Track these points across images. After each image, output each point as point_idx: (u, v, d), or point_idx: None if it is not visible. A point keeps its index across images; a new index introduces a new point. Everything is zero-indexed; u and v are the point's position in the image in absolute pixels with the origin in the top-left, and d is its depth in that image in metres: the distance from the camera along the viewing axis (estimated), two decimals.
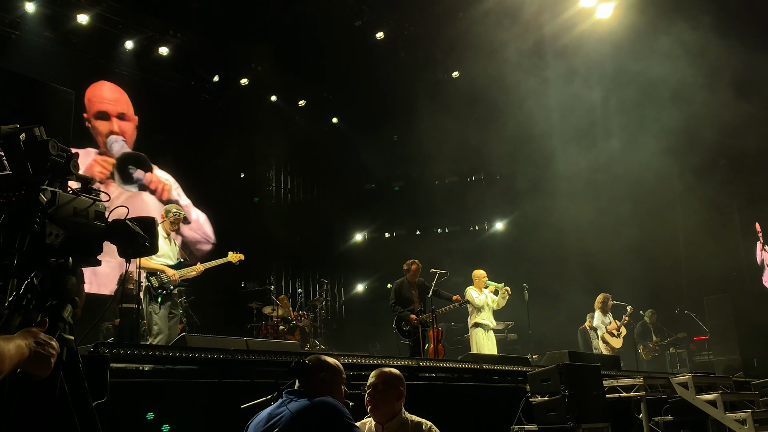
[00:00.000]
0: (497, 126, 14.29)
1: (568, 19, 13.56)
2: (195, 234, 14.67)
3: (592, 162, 14.51)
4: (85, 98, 13.14)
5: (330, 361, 3.28)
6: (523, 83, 13.69)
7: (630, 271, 13.48)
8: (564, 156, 14.88)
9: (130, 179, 13.75)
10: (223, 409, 4.72)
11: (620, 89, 13.74)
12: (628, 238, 13.51)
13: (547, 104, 14.49)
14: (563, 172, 14.88)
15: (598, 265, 13.69)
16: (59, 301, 2.18)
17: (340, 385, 3.22)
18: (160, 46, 13.45)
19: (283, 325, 11.90)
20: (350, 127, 17.48)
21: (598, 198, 14.19)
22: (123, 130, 13.75)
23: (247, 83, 15.19)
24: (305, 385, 3.13)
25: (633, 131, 13.98)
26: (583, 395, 6.45)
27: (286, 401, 3.00)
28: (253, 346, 5.76)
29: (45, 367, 1.95)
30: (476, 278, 10.74)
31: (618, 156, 14.10)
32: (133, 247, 2.52)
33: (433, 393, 6.70)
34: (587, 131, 14.64)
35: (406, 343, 9.98)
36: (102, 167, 13.28)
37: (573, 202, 14.46)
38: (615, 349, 11.83)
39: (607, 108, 14.38)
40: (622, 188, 13.97)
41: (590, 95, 14.23)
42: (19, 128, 2.16)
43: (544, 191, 15.01)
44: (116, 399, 3.27)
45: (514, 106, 14.22)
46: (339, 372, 3.26)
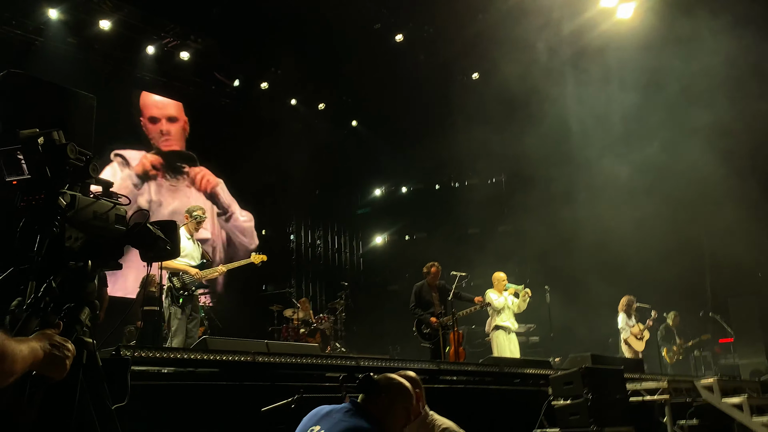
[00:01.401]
0: (517, 127, 14.21)
1: (589, 19, 13.46)
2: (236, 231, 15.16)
3: (615, 162, 14.36)
4: (141, 103, 13.89)
5: (397, 382, 3.27)
6: (543, 84, 13.61)
7: (654, 273, 13.31)
8: (587, 157, 14.74)
9: (178, 171, 14.22)
10: (244, 411, 4.73)
11: (642, 89, 13.58)
12: (652, 239, 13.35)
13: (568, 105, 14.38)
14: (586, 174, 14.75)
15: (622, 267, 13.54)
16: (77, 304, 2.19)
17: (399, 411, 3.19)
18: (181, 51, 13.56)
19: (303, 327, 11.92)
20: (370, 130, 17.48)
21: (620, 199, 14.03)
22: (170, 130, 14.41)
23: (267, 87, 15.25)
24: (365, 400, 3.16)
25: (655, 130, 13.81)
26: (606, 399, 6.38)
27: (345, 410, 3.07)
28: (274, 348, 5.77)
29: (60, 369, 1.96)
30: (496, 281, 10.69)
31: (642, 156, 13.94)
32: (154, 250, 2.53)
33: (454, 396, 6.67)
34: (610, 131, 14.47)
35: (427, 346, 9.94)
36: (151, 162, 13.83)
37: (595, 203, 14.32)
38: (638, 352, 11.69)
39: (631, 108, 14.20)
40: (644, 190, 13.80)
41: (612, 95, 14.07)
42: (38, 132, 2.17)
43: (567, 193, 14.89)
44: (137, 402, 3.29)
45: (534, 107, 14.14)
46: (402, 397, 3.22)
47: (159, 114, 14.29)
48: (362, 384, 3.20)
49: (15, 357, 1.73)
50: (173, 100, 14.35)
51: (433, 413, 3.70)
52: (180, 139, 14.52)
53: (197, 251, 8.45)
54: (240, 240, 15.00)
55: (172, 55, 13.60)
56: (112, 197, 2.41)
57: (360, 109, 17.25)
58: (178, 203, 13.67)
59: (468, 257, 14.24)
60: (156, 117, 14.24)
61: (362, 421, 3.02)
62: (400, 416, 3.21)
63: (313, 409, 3.19)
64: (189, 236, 8.34)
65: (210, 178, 14.88)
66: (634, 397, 7.22)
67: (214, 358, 4.98)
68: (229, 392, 4.92)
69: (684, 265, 13.99)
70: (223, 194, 15.06)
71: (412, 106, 16.35)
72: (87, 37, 12.32)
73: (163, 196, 13.83)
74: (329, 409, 3.13)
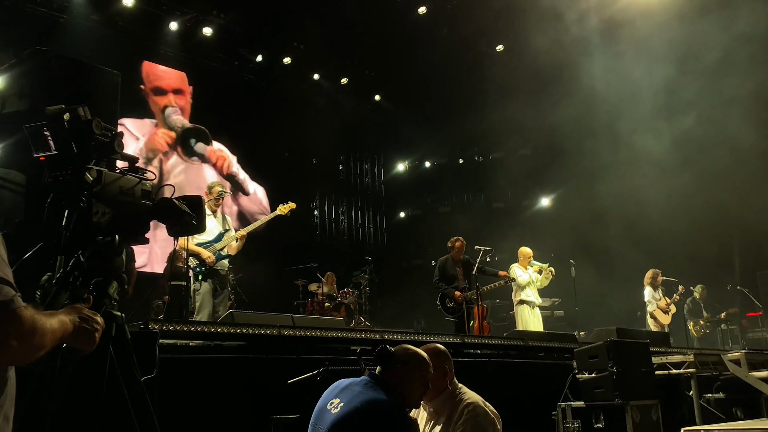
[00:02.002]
0: (544, 100, 14.06)
1: None
2: (252, 205, 15.07)
3: (645, 135, 14.18)
4: (143, 71, 13.55)
5: (413, 352, 3.33)
6: (571, 56, 13.42)
7: (682, 247, 13.19)
8: (615, 129, 14.56)
9: (191, 151, 14.14)
10: (270, 384, 4.79)
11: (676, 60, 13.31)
12: (681, 212, 13.19)
13: (596, 77, 14.15)
14: (613, 147, 14.56)
15: (651, 240, 13.43)
16: (105, 278, 2.22)
17: (416, 380, 3.25)
18: (204, 27, 13.55)
19: (328, 302, 11.99)
20: (393, 104, 17.39)
21: (650, 172, 13.88)
22: (179, 103, 14.14)
23: (290, 62, 15.21)
24: (383, 372, 3.22)
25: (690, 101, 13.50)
26: (632, 372, 6.37)
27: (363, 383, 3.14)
28: (299, 322, 5.82)
29: (89, 342, 2.00)
30: (522, 256, 10.66)
31: (674, 128, 13.73)
32: (180, 225, 2.55)
33: (479, 369, 6.68)
34: (642, 103, 14.24)
35: (451, 320, 9.97)
36: (164, 139, 13.68)
37: (624, 176, 14.19)
38: (664, 325, 11.62)
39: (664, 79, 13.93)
40: (674, 162, 13.58)
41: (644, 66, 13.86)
42: (64, 108, 2.19)
43: (594, 167, 14.75)
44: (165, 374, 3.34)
45: (561, 79, 13.97)
46: (418, 367, 3.27)
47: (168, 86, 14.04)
48: (379, 356, 3.26)
49: (45, 331, 1.77)
50: (195, 75, 14.28)
51: (463, 387, 3.71)
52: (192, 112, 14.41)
53: (217, 227, 8.50)
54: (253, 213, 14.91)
55: (195, 31, 13.59)
56: (138, 172, 2.43)
57: (383, 84, 17.15)
58: (194, 182, 13.63)
59: (492, 231, 14.21)
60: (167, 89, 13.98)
61: (380, 392, 3.07)
62: (418, 386, 3.26)
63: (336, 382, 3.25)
64: (209, 213, 8.38)
65: (228, 157, 14.82)
66: (659, 370, 7.19)
67: (240, 331, 5.04)
68: (256, 365, 4.97)
69: (713, 238, 13.82)
70: (239, 173, 14.99)
71: (435, 80, 16.24)
72: (110, 14, 12.36)
73: (178, 174, 13.74)
74: (348, 382, 3.19)
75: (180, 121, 14.05)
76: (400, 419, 3.03)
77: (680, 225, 13.18)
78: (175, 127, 13.96)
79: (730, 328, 13.60)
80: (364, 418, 2.98)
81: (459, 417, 3.49)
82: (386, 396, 3.06)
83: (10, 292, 1.69)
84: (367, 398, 3.02)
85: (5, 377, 1.80)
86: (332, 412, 3.04)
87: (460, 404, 3.56)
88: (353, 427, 2.97)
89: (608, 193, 14.26)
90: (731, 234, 14.65)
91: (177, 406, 4.16)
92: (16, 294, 1.71)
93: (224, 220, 8.64)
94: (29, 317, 1.71)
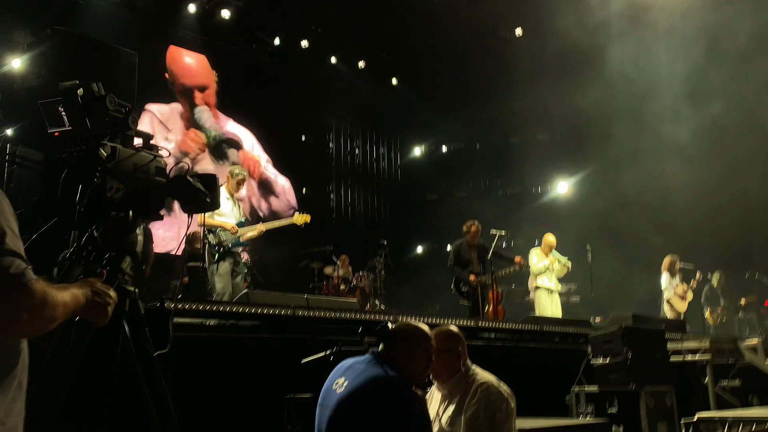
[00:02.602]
0: (563, 85, 13.92)
1: None
2: (281, 203, 15.16)
3: (655, 122, 14.02)
4: (168, 61, 13.52)
5: (411, 329, 3.36)
6: (591, 40, 13.24)
7: (701, 233, 13.05)
8: (636, 115, 14.41)
9: (223, 156, 14.19)
10: (284, 363, 4.82)
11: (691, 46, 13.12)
12: (700, 198, 13.05)
13: (616, 62, 13.99)
14: (633, 132, 14.41)
15: (670, 226, 13.30)
16: (119, 253, 2.24)
17: (418, 354, 3.28)
18: (222, 9, 13.54)
19: (343, 285, 12.03)
20: (411, 88, 17.31)
21: (671, 158, 13.71)
22: (207, 101, 14.14)
23: (308, 46, 15.17)
24: (386, 350, 3.26)
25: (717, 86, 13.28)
26: (646, 357, 6.34)
27: (366, 361, 3.19)
28: (314, 303, 5.86)
29: (102, 315, 2.02)
30: (545, 243, 10.64)
31: (688, 114, 13.54)
32: (194, 202, 2.57)
33: (493, 354, 6.69)
34: (663, 88, 14.04)
35: (465, 305, 9.97)
36: (195, 143, 13.71)
37: (642, 162, 14.04)
38: (680, 312, 11.54)
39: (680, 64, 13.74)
40: (695, 148, 13.40)
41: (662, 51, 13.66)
42: (77, 84, 2.20)
43: (613, 151, 14.59)
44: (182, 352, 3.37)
45: (580, 64, 13.81)
46: (419, 341, 3.31)
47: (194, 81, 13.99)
48: (380, 333, 3.32)
49: (56, 303, 1.79)
50: (212, 59, 14.28)
51: (476, 368, 3.71)
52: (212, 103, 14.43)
53: (237, 211, 8.56)
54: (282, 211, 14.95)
55: (213, 14, 13.59)
56: (153, 149, 2.44)
57: (400, 68, 17.06)
58: None
59: (509, 217, 14.15)
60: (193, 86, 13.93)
61: (384, 368, 3.11)
62: (421, 360, 3.29)
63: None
64: (228, 196, 8.44)
65: (259, 162, 14.86)
66: (674, 356, 7.15)
67: (255, 311, 5.09)
68: (270, 344, 5.02)
69: (732, 225, 13.66)
70: (269, 174, 15.05)
71: (452, 64, 16.12)
72: None
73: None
74: (352, 361, 3.24)
75: (210, 123, 14.04)
76: (405, 393, 3.06)
77: (700, 212, 13.05)
78: (205, 128, 13.97)
79: (748, 316, 13.49)
80: (368, 395, 3.01)
81: (472, 396, 3.50)
82: (390, 371, 3.09)
83: (21, 265, 1.71)
84: (371, 374, 3.06)
85: (18, 349, 1.83)
86: (337, 392, 3.08)
87: (473, 384, 3.57)
88: (358, 404, 3.00)
89: (628, 179, 14.11)
90: (751, 221, 14.48)
91: (193, 384, 4.21)
92: (28, 267, 1.73)
93: (240, 208, 8.71)
94: (40, 290, 1.73)
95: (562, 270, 10.55)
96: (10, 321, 1.70)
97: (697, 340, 7.37)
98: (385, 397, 3.01)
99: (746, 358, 7.31)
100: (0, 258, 1.69)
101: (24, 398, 1.84)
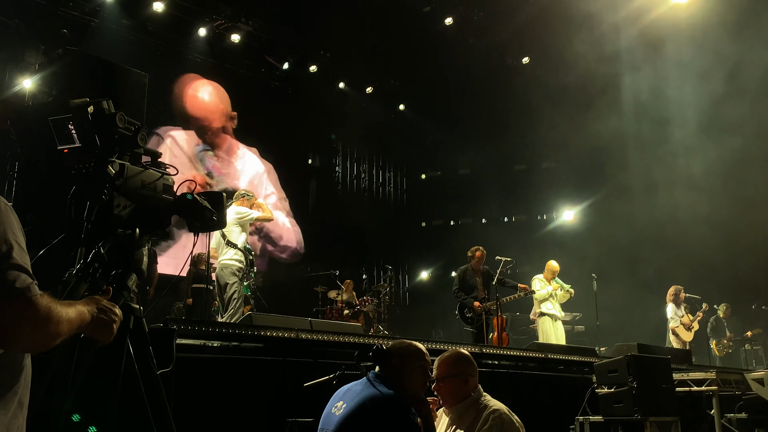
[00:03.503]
0: (568, 114, 13.99)
1: (644, 5, 13.09)
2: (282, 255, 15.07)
3: (668, 152, 14.06)
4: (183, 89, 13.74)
5: (405, 346, 3.38)
6: (594, 69, 13.33)
7: (708, 265, 13.00)
8: (640, 147, 14.45)
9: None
10: (287, 386, 4.79)
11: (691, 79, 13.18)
12: (709, 230, 12.99)
13: (620, 91, 14.10)
14: (639, 163, 14.46)
15: (674, 257, 13.26)
16: (125, 271, 2.24)
17: (415, 371, 3.29)
18: (232, 34, 13.69)
19: (347, 309, 12.00)
20: (417, 114, 17.42)
21: (675, 191, 13.71)
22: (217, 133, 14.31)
23: (316, 70, 15.30)
24: (383, 370, 3.28)
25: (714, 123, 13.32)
26: (652, 388, 6.28)
27: (363, 383, 3.21)
28: (317, 326, 5.82)
29: (107, 333, 2.01)
30: (548, 269, 10.60)
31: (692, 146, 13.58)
32: (200, 220, 2.57)
33: (497, 381, 6.63)
34: (665, 118, 14.12)
35: (470, 330, 9.91)
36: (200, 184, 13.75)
37: (649, 193, 14.06)
38: (686, 342, 11.46)
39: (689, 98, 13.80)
40: (698, 182, 13.40)
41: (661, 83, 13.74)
42: (88, 101, 2.22)
43: (618, 181, 14.62)
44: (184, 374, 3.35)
45: (585, 93, 13.89)
46: (414, 357, 3.32)
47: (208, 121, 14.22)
48: (374, 355, 3.33)
49: (60, 319, 1.78)
50: (223, 83, 14.41)
51: (487, 395, 3.66)
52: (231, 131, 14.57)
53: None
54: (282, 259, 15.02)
55: (223, 38, 13.74)
56: (161, 167, 2.46)
57: (408, 93, 17.19)
58: None
59: (513, 243, 14.12)
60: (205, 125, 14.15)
61: (380, 387, 3.13)
62: (417, 376, 3.30)
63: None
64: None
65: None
66: (680, 387, 7.08)
67: (258, 333, 5.06)
68: (273, 367, 4.98)
69: (739, 257, 13.61)
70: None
71: (460, 90, 16.24)
72: (140, 19, 12.53)
73: None
74: (350, 385, 3.28)
75: (212, 169, 14.16)
76: (403, 409, 3.07)
77: (710, 243, 12.99)
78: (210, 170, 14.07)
79: (754, 348, 13.37)
80: (367, 413, 3.03)
81: (484, 422, 3.45)
82: (386, 389, 3.11)
83: (27, 280, 1.71)
84: (368, 394, 3.09)
85: (21, 365, 1.82)
86: (336, 414, 3.11)
87: (484, 410, 3.52)
88: (357, 423, 3.02)
89: (637, 208, 14.14)
90: (757, 253, 14.42)
91: (195, 405, 4.18)
92: (33, 282, 1.73)
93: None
94: (45, 305, 1.73)
95: (565, 296, 10.53)
96: (14, 334, 1.70)
97: (704, 371, 7.30)
98: (381, 414, 3.03)
99: (753, 390, 7.24)
100: (6, 271, 1.68)
101: (25, 414, 1.82)
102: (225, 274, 8.19)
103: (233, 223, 8.23)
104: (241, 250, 8.21)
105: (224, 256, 8.28)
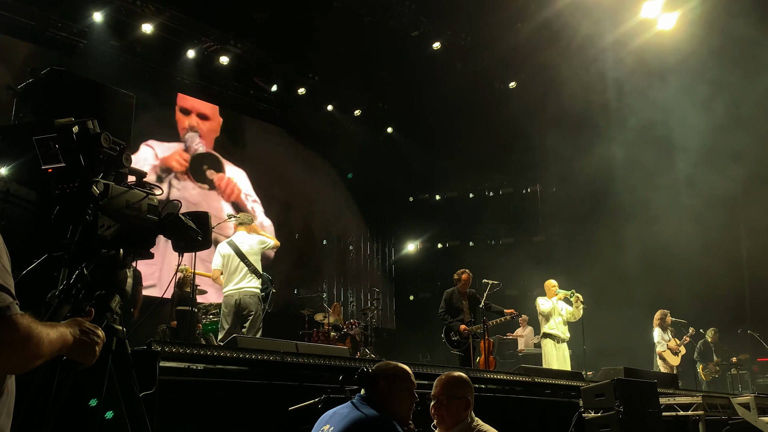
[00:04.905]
0: (555, 137, 14.09)
1: (630, 30, 13.25)
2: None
3: (652, 177, 14.18)
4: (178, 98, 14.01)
5: (392, 368, 3.36)
6: (581, 95, 13.47)
7: (692, 289, 13.04)
8: (625, 171, 14.55)
9: (203, 177, 14.21)
10: (271, 410, 4.74)
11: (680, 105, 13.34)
12: (692, 254, 13.07)
13: (606, 116, 14.23)
14: (626, 186, 14.55)
15: (661, 281, 13.32)
16: (108, 292, 2.22)
17: (401, 393, 3.27)
18: (221, 56, 13.72)
19: (334, 332, 11.93)
20: (405, 137, 17.49)
21: (660, 215, 13.80)
22: (201, 128, 14.34)
23: (304, 93, 15.36)
24: (369, 393, 3.26)
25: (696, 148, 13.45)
26: (639, 412, 6.27)
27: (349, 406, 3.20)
28: (303, 349, 5.78)
29: (90, 355, 1.99)
30: (547, 288, 10.60)
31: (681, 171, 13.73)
32: (185, 241, 2.55)
33: (484, 404, 6.58)
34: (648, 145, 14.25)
35: (456, 354, 9.87)
36: (178, 162, 13.84)
37: (634, 216, 14.13)
38: (673, 367, 11.47)
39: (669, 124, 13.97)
40: (685, 206, 13.49)
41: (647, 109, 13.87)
42: (73, 121, 2.21)
43: (603, 205, 14.71)
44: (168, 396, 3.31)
45: (572, 118, 14.02)
46: (399, 379, 3.30)
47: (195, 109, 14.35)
48: (360, 378, 3.32)
49: (41, 340, 1.75)
50: (210, 103, 14.47)
51: (478, 419, 3.66)
52: (210, 139, 14.57)
53: None
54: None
55: (212, 60, 13.77)
56: (146, 187, 2.44)
57: (395, 116, 17.27)
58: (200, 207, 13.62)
59: (500, 266, 14.13)
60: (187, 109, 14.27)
61: (365, 410, 3.11)
62: (404, 398, 3.28)
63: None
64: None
65: (235, 187, 14.89)
66: (667, 412, 7.07)
67: (243, 356, 5.01)
68: (258, 390, 4.93)
69: (724, 281, 13.67)
70: (247, 204, 15.02)
71: (447, 114, 16.33)
72: (129, 41, 12.54)
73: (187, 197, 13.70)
74: (336, 409, 3.27)
75: (196, 145, 14.20)
76: (393, 430, 3.04)
77: (694, 267, 13.05)
78: (191, 150, 14.09)
79: (741, 372, 13.41)
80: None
81: None
82: (372, 412, 3.10)
83: (7, 299, 1.69)
84: (354, 417, 3.07)
85: (4, 385, 1.79)
86: None
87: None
88: None
89: (620, 232, 14.20)
90: (742, 279, 14.53)
91: (178, 428, 4.12)
92: (14, 301, 1.70)
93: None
94: (25, 325, 1.70)
95: (578, 305, 10.11)
96: None
97: (690, 396, 7.30)
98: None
99: (739, 415, 7.24)
100: None
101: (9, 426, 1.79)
102: (252, 303, 8.32)
103: (258, 252, 8.48)
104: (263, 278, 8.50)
105: (249, 284, 8.40)
